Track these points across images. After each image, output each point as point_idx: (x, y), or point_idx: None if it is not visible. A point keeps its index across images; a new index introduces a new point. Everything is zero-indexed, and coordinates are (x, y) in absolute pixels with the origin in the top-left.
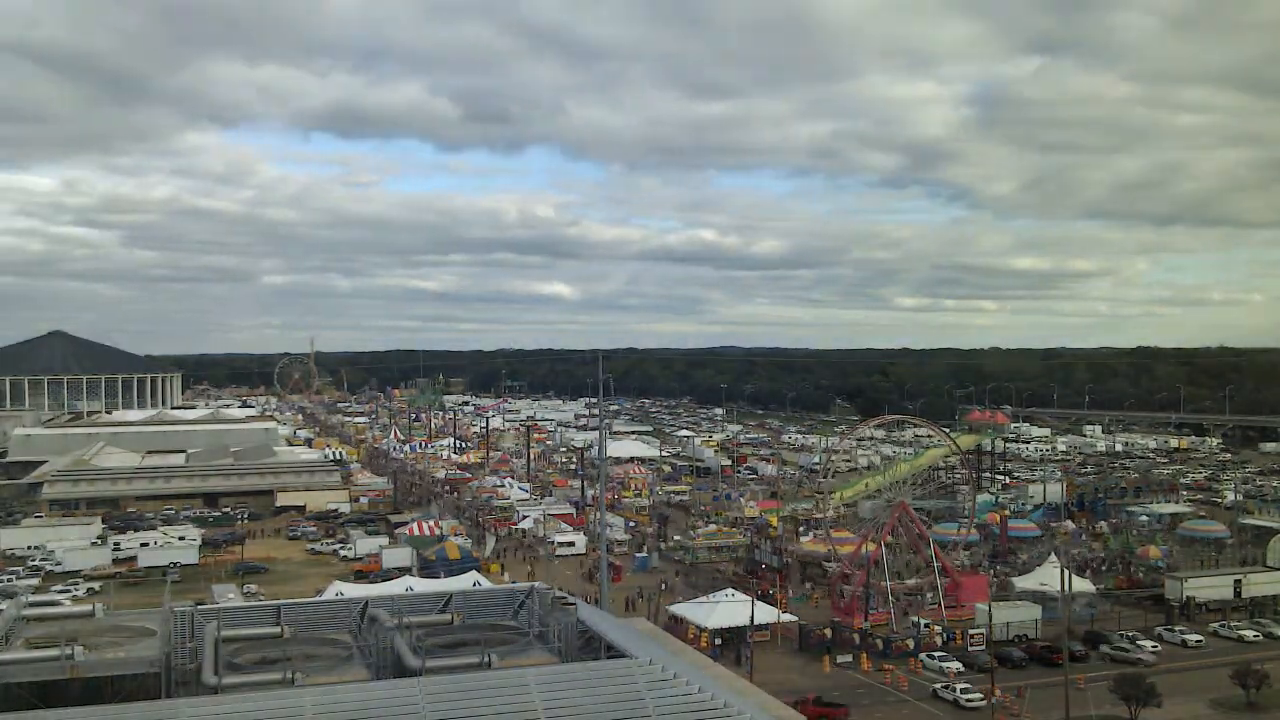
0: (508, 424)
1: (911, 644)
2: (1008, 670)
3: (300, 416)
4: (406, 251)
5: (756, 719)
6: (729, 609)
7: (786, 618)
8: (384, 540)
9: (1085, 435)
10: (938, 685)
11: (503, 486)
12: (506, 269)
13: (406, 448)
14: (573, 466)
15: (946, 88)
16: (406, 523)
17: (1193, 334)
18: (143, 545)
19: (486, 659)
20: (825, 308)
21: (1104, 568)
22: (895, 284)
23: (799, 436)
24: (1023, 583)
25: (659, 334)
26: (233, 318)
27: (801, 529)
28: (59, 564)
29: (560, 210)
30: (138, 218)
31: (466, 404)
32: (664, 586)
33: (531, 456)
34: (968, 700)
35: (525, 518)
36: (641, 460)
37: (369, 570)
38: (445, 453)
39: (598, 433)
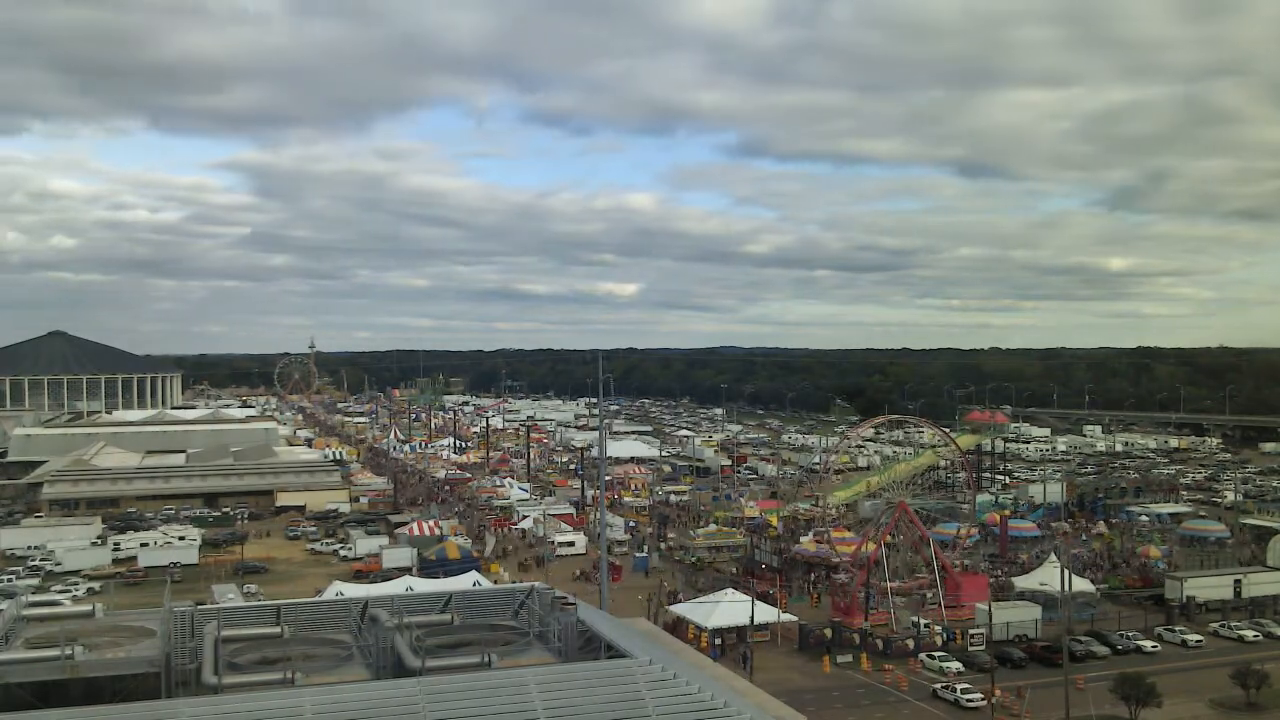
0: (508, 424)
1: (911, 644)
2: (1008, 670)
3: (300, 416)
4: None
5: (756, 719)
6: (729, 609)
7: (786, 618)
8: (384, 540)
9: (1085, 435)
10: (938, 685)
11: (503, 486)
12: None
13: (406, 448)
14: (573, 466)
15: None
16: (406, 523)
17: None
18: (143, 545)
19: (486, 659)
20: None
21: (1106, 566)
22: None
23: (799, 436)
24: (1023, 583)
25: (659, 334)
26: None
27: (802, 529)
28: (59, 564)
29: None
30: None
31: (466, 404)
32: (663, 585)
33: (531, 456)
34: (968, 700)
35: (525, 518)
36: (641, 460)
37: (369, 570)
38: (445, 453)
39: (598, 433)
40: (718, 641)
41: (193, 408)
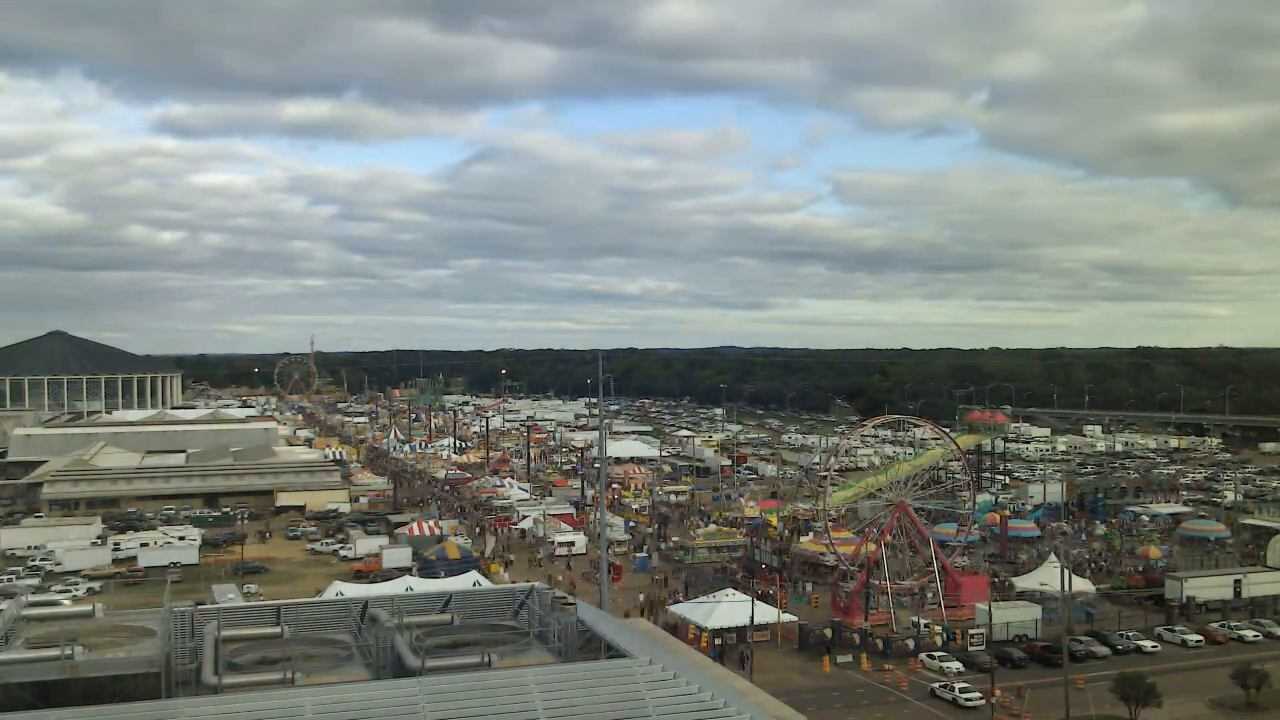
0: (508, 424)
1: (911, 644)
2: (1008, 670)
3: (300, 416)
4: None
5: (756, 719)
6: (729, 609)
7: (786, 618)
8: (384, 540)
9: (1085, 435)
10: (936, 685)
11: (503, 486)
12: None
13: (406, 448)
14: (573, 466)
15: None
16: (406, 523)
17: None
18: (143, 545)
19: (486, 659)
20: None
21: (1106, 567)
22: None
23: (799, 436)
24: (1023, 583)
25: (660, 333)
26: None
27: (802, 528)
28: (59, 564)
29: None
30: None
31: (466, 404)
32: (664, 581)
33: (531, 456)
34: (966, 699)
35: (525, 518)
36: (641, 460)
37: (369, 570)
38: (445, 453)
39: (598, 433)
40: (718, 642)
41: (193, 408)
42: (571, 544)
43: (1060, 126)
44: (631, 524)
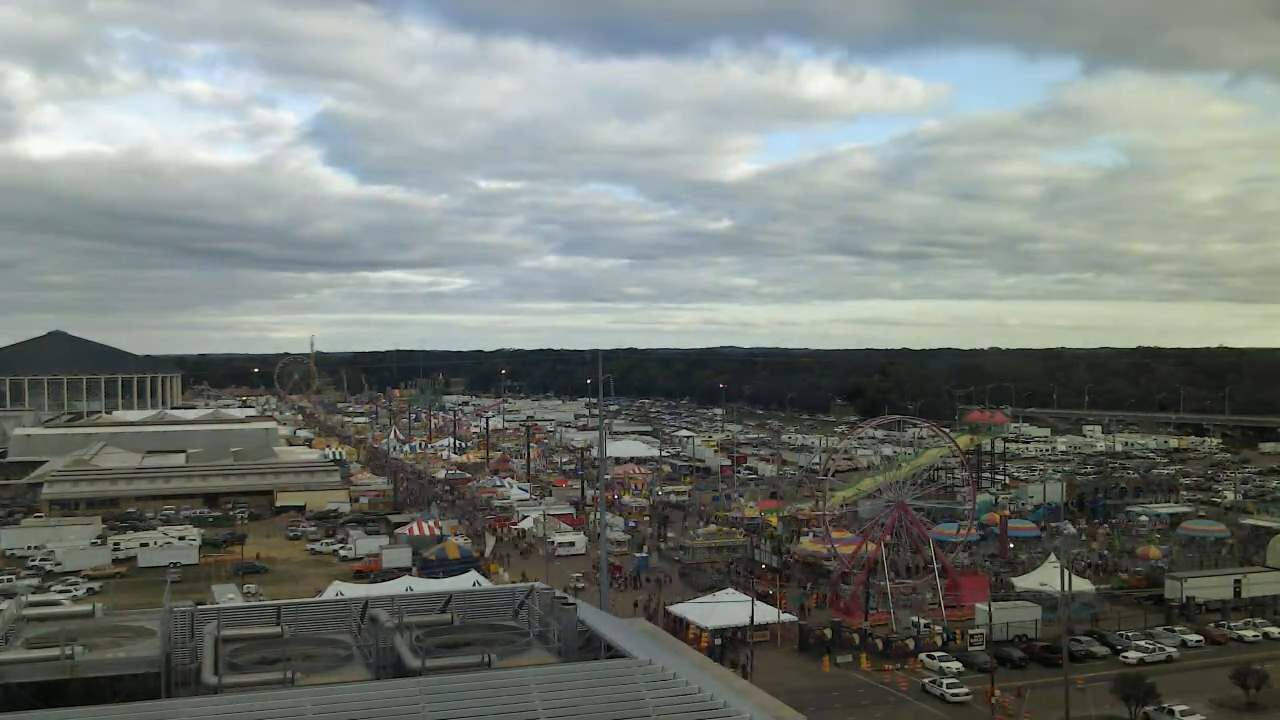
0: (508, 424)
1: (911, 644)
2: (1008, 670)
3: (300, 417)
4: None
5: (756, 719)
6: (729, 609)
7: (786, 618)
8: (384, 540)
9: (1085, 435)
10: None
11: (502, 486)
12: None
13: (406, 448)
14: (572, 466)
15: None
16: (406, 523)
17: None
18: (143, 545)
19: (486, 659)
20: None
21: (1107, 563)
22: None
23: (799, 437)
24: (1023, 583)
25: (659, 333)
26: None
27: (803, 529)
28: (59, 564)
29: None
30: None
31: (466, 404)
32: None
33: (531, 456)
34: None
35: (525, 518)
36: (641, 460)
37: (369, 570)
38: (445, 453)
39: (598, 433)
40: (718, 642)
41: (193, 408)
42: (571, 544)
43: None
44: (631, 524)
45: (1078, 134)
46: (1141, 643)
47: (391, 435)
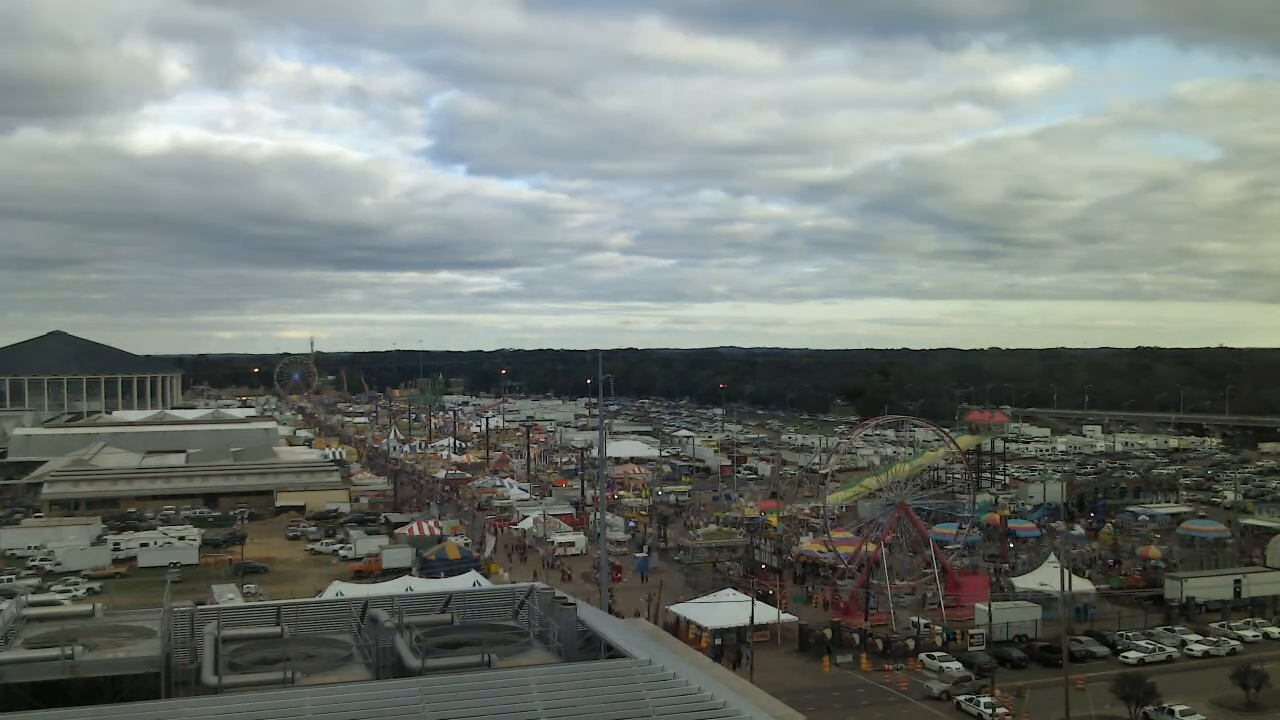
0: (508, 424)
1: (911, 644)
2: (1008, 670)
3: (300, 417)
4: None
5: (756, 719)
6: (729, 609)
7: (786, 618)
8: (384, 540)
9: (1085, 435)
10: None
11: (502, 486)
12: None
13: (406, 448)
14: (573, 466)
15: None
16: (406, 523)
17: None
18: (143, 545)
19: (486, 659)
20: None
21: (1111, 564)
22: None
23: (799, 436)
24: (1023, 583)
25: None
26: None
27: (802, 530)
28: (59, 564)
29: None
30: None
31: (466, 404)
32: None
33: (531, 456)
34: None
35: (525, 518)
36: (641, 460)
37: (369, 570)
38: (445, 453)
39: (598, 433)
40: (718, 642)
41: (193, 408)
42: (571, 544)
43: None
44: (631, 524)
45: None
46: (1141, 643)
47: (391, 435)
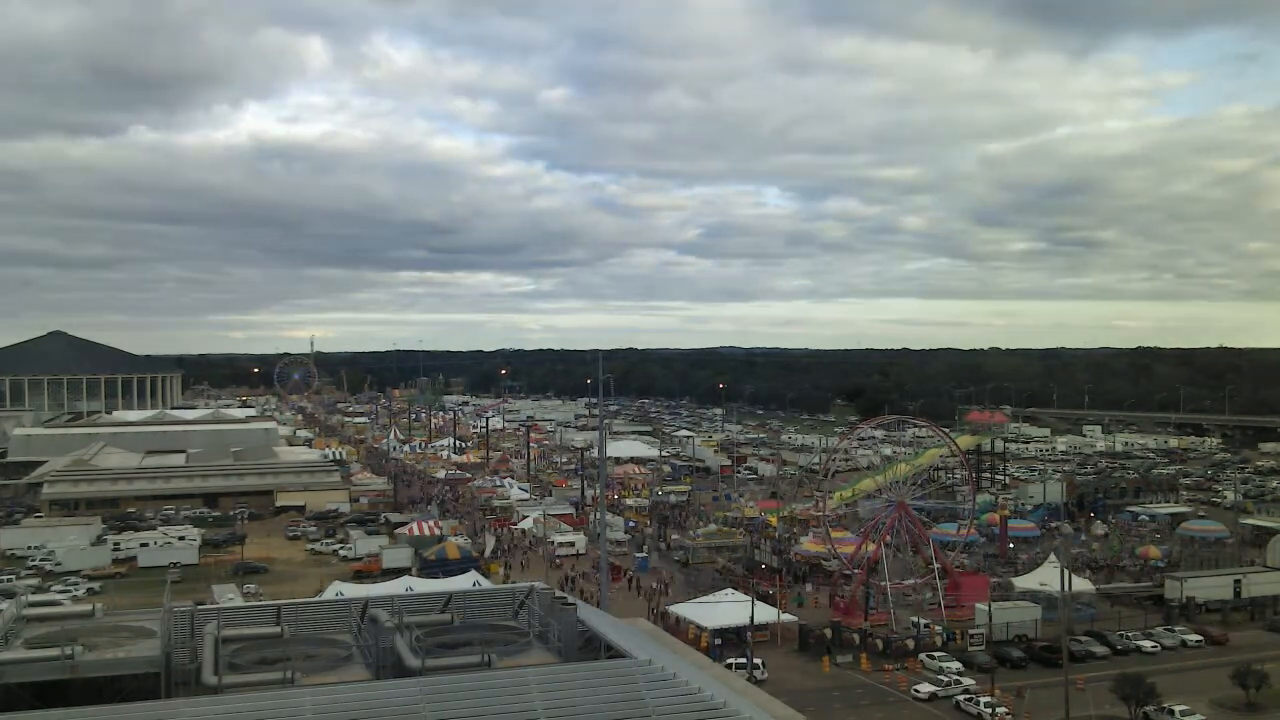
0: (508, 424)
1: (911, 644)
2: (1007, 670)
3: (300, 417)
4: None
5: (756, 719)
6: (729, 609)
7: (786, 618)
8: (384, 540)
9: (1085, 435)
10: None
11: (502, 487)
12: None
13: (406, 448)
14: (573, 466)
15: None
16: (406, 523)
17: None
18: (143, 545)
19: (486, 659)
20: None
21: (1110, 563)
22: None
23: (799, 436)
24: (1023, 583)
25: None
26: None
27: (801, 530)
28: (59, 564)
29: None
30: None
31: (466, 404)
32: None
33: (531, 456)
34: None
35: (525, 518)
36: (641, 460)
37: (369, 570)
38: (445, 453)
39: (598, 433)
40: (718, 642)
41: (193, 408)
42: (571, 544)
43: None
44: (631, 524)
45: None
46: (1142, 643)
47: (391, 435)
